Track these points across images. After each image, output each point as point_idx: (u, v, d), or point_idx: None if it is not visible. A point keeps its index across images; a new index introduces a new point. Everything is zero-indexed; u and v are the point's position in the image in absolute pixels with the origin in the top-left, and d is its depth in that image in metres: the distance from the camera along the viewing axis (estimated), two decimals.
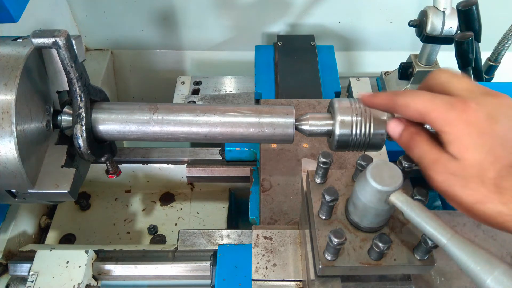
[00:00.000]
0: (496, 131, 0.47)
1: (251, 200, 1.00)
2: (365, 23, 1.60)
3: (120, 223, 1.15)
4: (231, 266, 0.81)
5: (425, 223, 0.48)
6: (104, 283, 0.96)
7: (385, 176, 0.50)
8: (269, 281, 0.74)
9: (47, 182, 0.68)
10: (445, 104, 0.49)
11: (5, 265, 0.93)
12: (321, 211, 0.60)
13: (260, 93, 1.23)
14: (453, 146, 0.48)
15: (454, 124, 0.47)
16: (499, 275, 0.41)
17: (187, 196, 1.21)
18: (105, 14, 1.56)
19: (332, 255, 0.56)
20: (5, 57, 0.63)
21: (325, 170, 0.62)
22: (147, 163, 1.17)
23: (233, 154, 1.13)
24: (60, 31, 0.62)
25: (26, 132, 0.64)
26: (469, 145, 0.47)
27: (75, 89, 0.66)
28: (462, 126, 0.47)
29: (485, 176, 0.46)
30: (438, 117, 0.49)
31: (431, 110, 0.49)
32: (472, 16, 1.02)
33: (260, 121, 0.68)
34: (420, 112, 0.50)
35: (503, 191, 0.45)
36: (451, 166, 0.48)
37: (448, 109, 0.48)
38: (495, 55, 1.16)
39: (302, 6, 1.54)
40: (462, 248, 0.45)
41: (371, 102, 0.59)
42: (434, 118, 0.49)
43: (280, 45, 1.38)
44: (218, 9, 1.55)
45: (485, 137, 0.46)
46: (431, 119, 0.49)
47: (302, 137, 1.01)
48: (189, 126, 0.69)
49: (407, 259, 0.56)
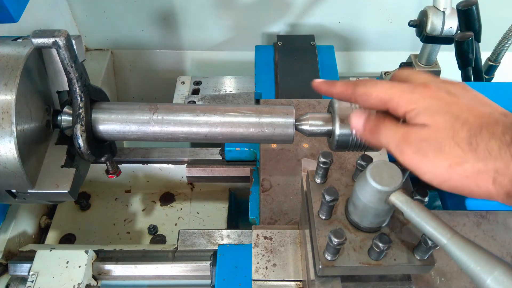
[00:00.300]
0: (459, 102, 0.48)
1: (251, 200, 1.00)
2: (365, 23, 1.60)
3: (120, 223, 1.15)
4: (231, 266, 0.81)
5: (425, 223, 0.48)
6: (104, 283, 0.96)
7: (385, 176, 0.50)
8: (269, 281, 0.74)
9: (47, 182, 0.68)
10: (407, 87, 0.50)
11: (5, 265, 0.93)
12: (321, 211, 0.60)
13: (260, 93, 1.23)
14: (422, 115, 0.48)
15: (419, 100, 0.49)
16: (499, 275, 0.41)
17: (187, 196, 1.21)
18: (105, 14, 1.56)
19: (332, 255, 0.56)
20: (5, 57, 0.63)
21: (325, 170, 0.62)
22: (147, 163, 1.17)
23: (233, 154, 1.13)
24: (60, 31, 0.62)
25: (26, 132, 0.64)
26: (438, 111, 0.48)
27: (75, 89, 0.66)
28: (428, 99, 0.48)
29: (457, 137, 0.46)
30: (402, 99, 0.49)
31: (394, 96, 0.50)
32: (472, 16, 1.02)
33: (260, 121, 0.68)
34: (383, 99, 0.51)
35: (478, 149, 0.45)
36: (422, 133, 0.48)
37: (411, 91, 0.50)
38: (495, 55, 1.16)
39: (302, 6, 1.54)
40: (462, 248, 0.45)
41: (329, 91, 0.59)
42: (397, 102, 0.50)
43: (280, 45, 1.38)
44: (218, 9, 1.55)
45: (452, 106, 0.48)
46: (393, 104, 0.50)
47: (302, 137, 1.01)
48: (189, 126, 0.69)
49: (407, 259, 0.56)
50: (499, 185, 0.44)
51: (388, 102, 0.50)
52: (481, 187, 0.45)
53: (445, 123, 0.47)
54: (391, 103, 0.50)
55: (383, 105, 0.51)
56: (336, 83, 0.57)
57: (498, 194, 0.45)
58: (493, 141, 0.45)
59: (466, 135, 0.46)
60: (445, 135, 0.46)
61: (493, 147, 0.44)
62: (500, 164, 0.44)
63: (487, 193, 0.45)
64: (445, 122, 0.47)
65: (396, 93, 0.50)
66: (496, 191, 0.44)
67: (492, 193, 0.45)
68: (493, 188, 0.45)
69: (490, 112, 0.47)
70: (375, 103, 0.52)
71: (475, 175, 0.45)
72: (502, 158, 0.44)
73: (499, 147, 0.44)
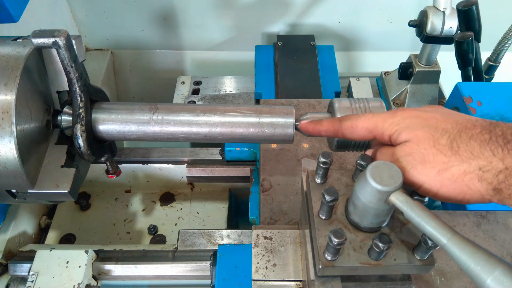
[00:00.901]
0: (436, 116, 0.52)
1: (251, 200, 1.00)
2: (365, 23, 1.60)
3: (120, 223, 1.15)
4: (231, 266, 0.81)
5: (425, 223, 0.48)
6: (104, 283, 0.96)
7: (385, 176, 0.50)
8: (269, 281, 0.74)
9: (47, 182, 0.68)
10: (387, 113, 0.55)
11: (5, 265, 0.93)
12: (321, 211, 0.60)
13: (260, 93, 1.23)
14: (403, 133, 0.52)
15: (400, 122, 0.53)
16: (499, 275, 0.41)
17: (187, 196, 1.21)
18: (105, 14, 1.56)
19: (332, 255, 0.56)
20: (5, 57, 0.63)
21: (325, 170, 0.62)
22: (147, 163, 1.17)
23: (233, 154, 1.13)
24: (60, 31, 0.62)
25: (26, 132, 0.64)
26: (417, 127, 0.51)
27: (75, 89, 0.66)
28: (407, 119, 0.53)
29: (438, 144, 0.49)
30: (385, 124, 0.54)
31: (377, 123, 0.55)
32: (472, 16, 1.02)
33: (260, 121, 0.68)
34: (368, 128, 0.56)
35: (459, 151, 0.48)
36: (406, 149, 0.51)
37: (392, 116, 0.54)
38: (495, 55, 1.16)
39: (302, 6, 1.54)
40: (462, 248, 0.45)
41: (316, 130, 0.63)
42: (381, 128, 0.54)
43: (280, 45, 1.38)
44: (218, 9, 1.55)
45: (429, 120, 0.51)
46: (378, 130, 0.55)
47: (302, 137, 1.01)
48: (189, 126, 0.69)
49: (407, 259, 0.56)
50: (486, 182, 0.46)
51: (373, 130, 0.55)
52: (471, 188, 0.47)
53: (424, 134, 0.50)
54: (376, 130, 0.55)
55: (369, 134, 0.56)
56: (322, 123, 0.62)
57: (487, 192, 0.46)
58: (472, 141, 0.47)
59: (447, 141, 0.49)
60: (427, 145, 0.50)
61: (474, 147, 0.47)
62: (483, 162, 0.46)
63: (478, 193, 0.47)
64: (424, 133, 0.50)
65: (379, 120, 0.55)
66: (484, 189, 0.46)
67: (482, 192, 0.47)
68: (480, 186, 0.46)
69: (467, 119, 0.51)
70: (361, 133, 0.57)
71: (462, 176, 0.47)
72: (484, 155, 0.46)
73: (480, 146, 0.46)
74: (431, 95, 1.31)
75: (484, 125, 0.48)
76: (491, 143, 0.46)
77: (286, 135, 0.69)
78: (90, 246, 0.93)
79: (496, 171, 0.45)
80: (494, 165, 0.45)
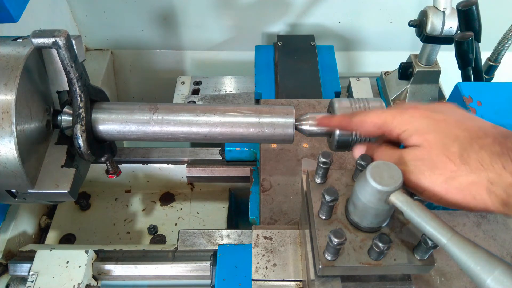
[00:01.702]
0: (448, 119, 0.51)
1: (251, 200, 1.00)
2: (365, 23, 1.60)
3: (120, 223, 1.15)
4: (231, 266, 0.81)
5: (425, 223, 0.48)
6: (104, 283, 0.96)
7: (385, 176, 0.50)
8: (269, 281, 0.74)
9: (47, 182, 0.68)
10: (397, 110, 0.54)
11: (5, 265, 0.93)
12: (321, 211, 0.60)
13: (260, 93, 1.23)
14: (414, 136, 0.51)
15: (410, 121, 0.52)
16: (499, 275, 0.41)
17: (187, 196, 1.21)
18: (105, 14, 1.56)
19: (332, 255, 0.56)
20: (5, 57, 0.63)
21: (325, 170, 0.62)
22: (147, 163, 1.17)
23: (233, 154, 1.13)
24: (60, 31, 0.62)
25: (26, 132, 0.64)
26: (428, 130, 0.50)
27: (75, 89, 0.66)
28: (418, 120, 0.52)
29: (449, 152, 0.48)
30: (394, 122, 0.53)
31: (386, 119, 0.54)
32: (472, 16, 1.02)
33: (260, 121, 0.68)
34: (377, 124, 0.55)
35: (469, 161, 0.47)
36: (416, 153, 0.51)
37: (401, 113, 0.53)
38: (495, 55, 1.16)
39: (302, 6, 1.54)
40: (462, 248, 0.45)
41: (328, 123, 0.64)
42: (390, 125, 0.54)
43: (280, 45, 1.38)
44: (218, 9, 1.55)
45: (440, 123, 0.50)
46: (387, 127, 0.54)
47: (302, 137, 1.01)
48: (189, 126, 0.69)
49: (407, 259, 0.56)
50: (494, 195, 0.45)
51: (382, 126, 0.55)
52: (476, 198, 0.47)
53: (436, 140, 0.49)
54: (385, 127, 0.54)
55: (378, 130, 0.56)
56: (334, 117, 0.64)
57: (494, 204, 0.46)
58: (483, 152, 0.46)
59: (457, 150, 0.48)
60: (438, 152, 0.49)
61: (484, 158, 0.46)
62: (492, 174, 0.45)
63: (483, 204, 0.47)
64: (436, 140, 0.49)
65: (388, 116, 0.54)
66: (492, 201, 0.46)
67: (488, 204, 0.46)
68: (488, 198, 0.46)
69: (479, 125, 0.50)
70: (370, 129, 0.57)
71: (469, 186, 0.47)
72: (494, 168, 0.45)
73: (490, 158, 0.46)
74: (431, 95, 1.31)
75: (495, 135, 0.47)
76: (502, 156, 0.45)
77: (286, 135, 0.69)
78: (90, 246, 0.93)
79: (505, 184, 0.45)
80: (503, 178, 0.45)
